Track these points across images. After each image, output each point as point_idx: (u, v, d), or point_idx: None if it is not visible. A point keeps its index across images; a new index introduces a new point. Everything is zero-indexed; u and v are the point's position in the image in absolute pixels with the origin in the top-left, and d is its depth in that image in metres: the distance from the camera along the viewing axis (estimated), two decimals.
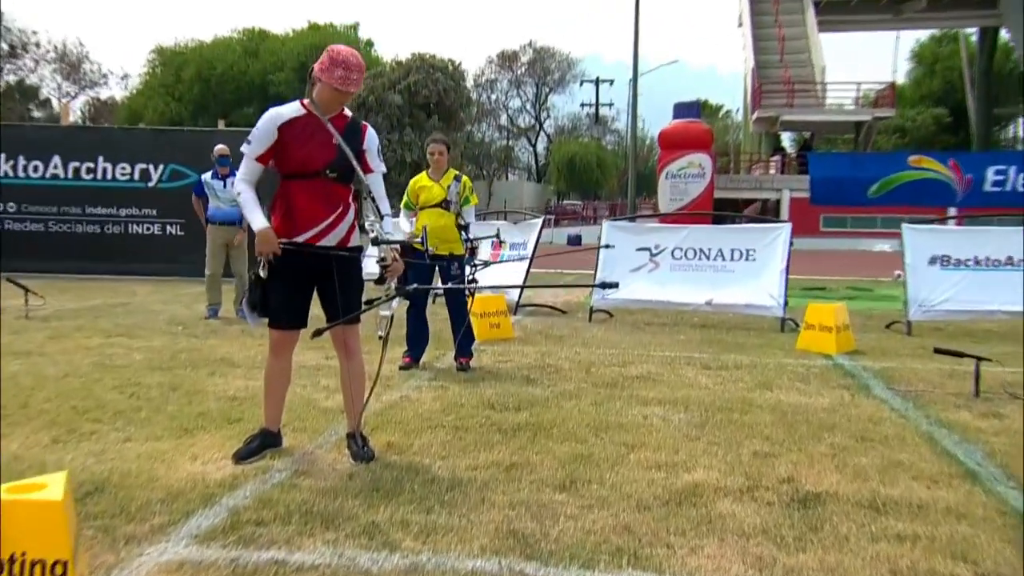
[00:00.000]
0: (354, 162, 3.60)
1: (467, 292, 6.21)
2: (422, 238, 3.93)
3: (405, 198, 6.08)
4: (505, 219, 13.57)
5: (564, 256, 16.08)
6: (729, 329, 8.52)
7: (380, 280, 3.62)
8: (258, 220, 3.52)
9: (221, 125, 14.54)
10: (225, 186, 8.74)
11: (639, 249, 9.44)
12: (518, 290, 9.90)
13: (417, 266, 5.44)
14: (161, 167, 13.70)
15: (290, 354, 3.88)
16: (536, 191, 55.78)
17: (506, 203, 47.97)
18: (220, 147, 8.80)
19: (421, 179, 6.08)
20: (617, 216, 10.55)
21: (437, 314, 7.86)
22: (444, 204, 5.93)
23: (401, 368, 5.97)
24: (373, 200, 3.62)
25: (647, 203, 46.57)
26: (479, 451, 3.92)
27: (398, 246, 3.63)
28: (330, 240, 3.64)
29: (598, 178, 50.31)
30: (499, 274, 9.13)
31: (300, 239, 3.60)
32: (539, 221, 10.52)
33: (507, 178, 63.49)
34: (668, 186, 31.41)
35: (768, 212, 35.05)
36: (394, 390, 5.22)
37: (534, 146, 60.54)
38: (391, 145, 34.94)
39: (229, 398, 4.87)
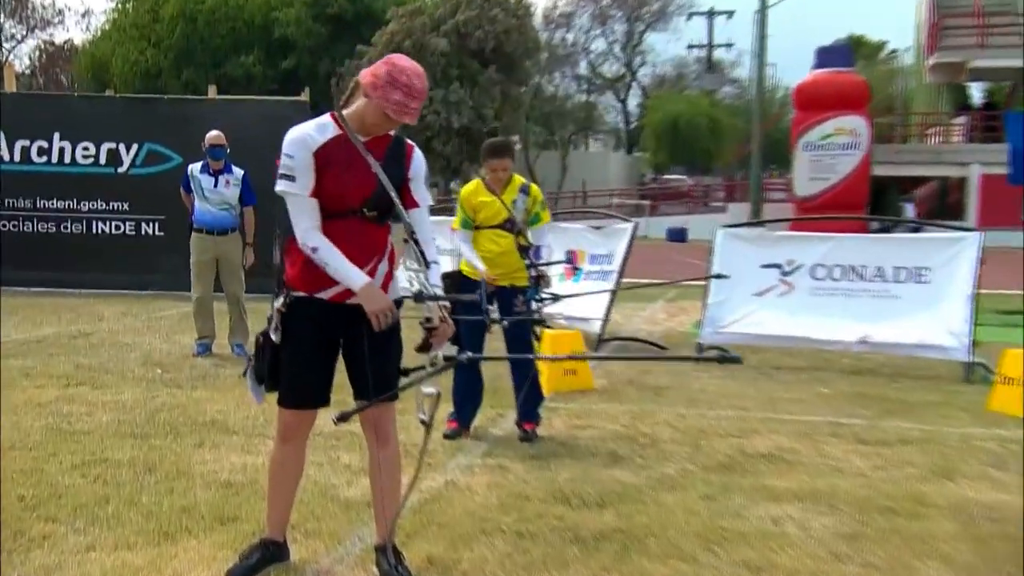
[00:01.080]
0: (394, 196, 3.66)
1: (534, 333, 6.28)
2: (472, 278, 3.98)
3: (461, 214, 6.18)
4: (566, 221, 13.63)
5: (661, 259, 16.03)
6: (892, 379, 8.39)
7: (424, 347, 3.66)
8: (355, 276, 3.61)
9: (212, 92, 14.82)
10: (217, 185, 8.98)
11: (765, 266, 9.38)
12: (600, 319, 9.93)
13: (471, 304, 5.55)
14: (135, 147, 14.15)
15: (304, 440, 3.95)
16: (626, 164, 55.83)
17: (585, 184, 47.98)
18: (213, 134, 9.03)
19: (478, 191, 6.18)
20: (733, 223, 10.45)
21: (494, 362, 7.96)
22: (507, 224, 6.08)
23: (446, 436, 6.05)
24: (416, 243, 3.66)
25: (777, 182, 46.08)
26: (549, 572, 3.93)
27: (448, 304, 3.66)
28: None
29: (710, 146, 49.87)
30: (576, 301, 9.18)
31: (324, 295, 3.69)
32: (629, 227, 10.53)
33: (587, 147, 63.61)
34: (807, 160, 31.03)
35: (950, 196, 34.18)
36: (437, 471, 5.27)
37: (624, 103, 60.51)
38: (432, 105, 35.39)
39: (222, 484, 4.98)
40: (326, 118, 3.71)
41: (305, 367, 3.75)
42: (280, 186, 3.60)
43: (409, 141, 3.78)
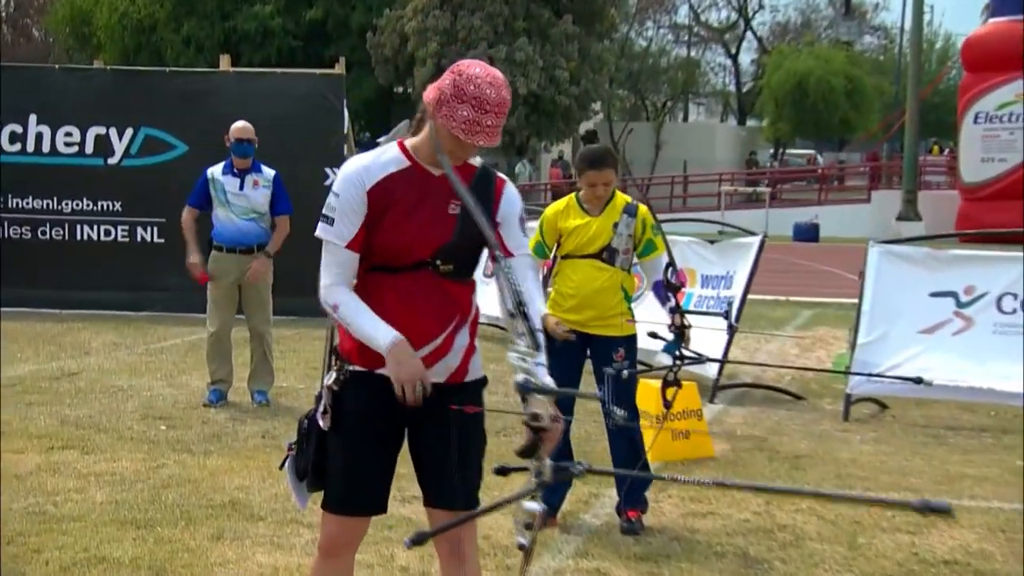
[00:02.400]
0: (487, 233, 3.54)
1: (665, 399, 6.19)
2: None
3: (536, 235, 6.19)
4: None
5: (785, 266, 15.90)
6: None
7: (528, 451, 3.51)
8: (383, 334, 3.62)
9: (225, 63, 14.88)
10: (243, 187, 9.06)
11: (936, 294, 9.22)
12: (715, 363, 9.76)
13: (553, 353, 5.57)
14: (129, 132, 14.33)
15: (353, 554, 3.93)
16: (736, 138, 55.52)
17: (686, 166, 47.81)
18: (238, 126, 9.12)
19: (568, 210, 6.17)
20: (888, 239, 10.30)
21: (585, 420, 7.83)
22: (606, 254, 6.09)
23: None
24: (522, 310, 3.48)
25: (937, 161, 45.34)
26: None
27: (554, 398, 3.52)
28: (436, 373, 3.71)
29: (847, 115, 49.35)
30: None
31: (387, 371, 3.67)
32: (753, 242, 10.41)
33: (685, 118, 63.43)
34: (978, 135, 30.52)
35: None
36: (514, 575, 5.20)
37: (735, 59, 60.04)
38: (493, 66, 35.42)
39: None
40: (392, 147, 3.75)
41: (358, 464, 3.75)
42: (318, 230, 3.67)
43: (500, 175, 3.83)
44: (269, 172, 9.15)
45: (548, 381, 3.47)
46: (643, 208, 6.21)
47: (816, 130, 50.80)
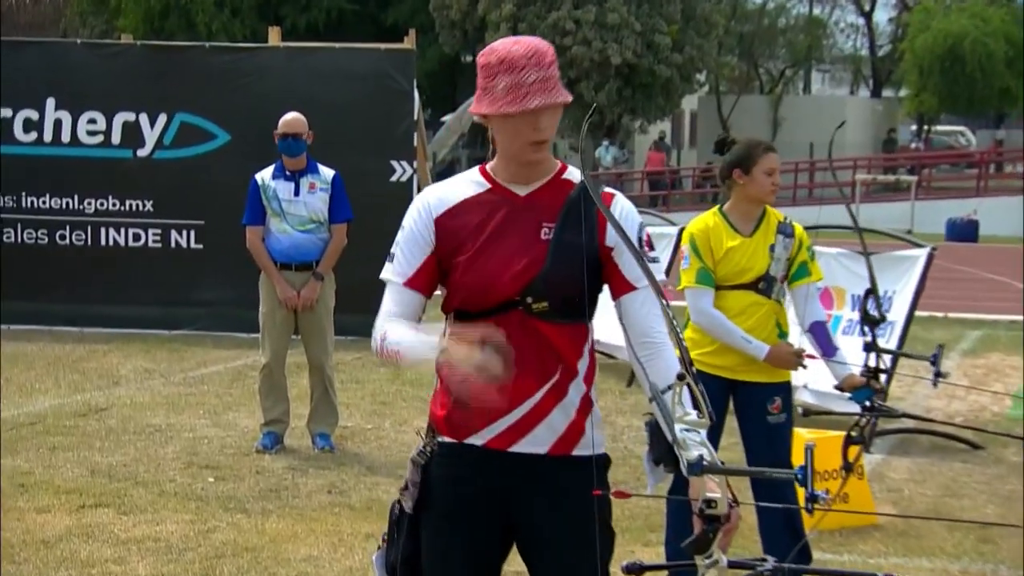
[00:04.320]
0: (632, 257, 3.49)
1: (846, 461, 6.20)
2: None
3: (694, 261, 6.12)
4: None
5: (939, 272, 15.67)
6: None
7: (701, 544, 3.40)
8: (427, 343, 3.60)
9: (274, 37, 14.89)
10: (298, 192, 9.04)
11: None
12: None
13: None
14: (162, 119, 14.35)
15: None
16: (872, 114, 54.94)
17: (813, 149, 47.31)
18: (289, 118, 9.08)
19: (718, 228, 6.11)
20: None
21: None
22: (763, 284, 6.09)
23: None
24: (691, 370, 3.33)
25: None
26: None
27: (724, 481, 3.44)
28: (535, 441, 3.68)
29: (1009, 84, 48.55)
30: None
31: (478, 440, 3.70)
32: (920, 255, 10.22)
33: (808, 89, 62.90)
34: None
35: None
36: None
37: (869, 18, 59.38)
38: (580, 32, 35.38)
39: None
40: (471, 171, 3.82)
41: (449, 557, 3.73)
42: (384, 271, 3.77)
43: (609, 189, 3.80)
44: (327, 172, 9.14)
45: (709, 458, 3.34)
46: (799, 228, 6.22)
47: (969, 104, 49.93)
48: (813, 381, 9.82)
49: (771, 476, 3.76)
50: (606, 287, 3.74)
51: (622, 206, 3.71)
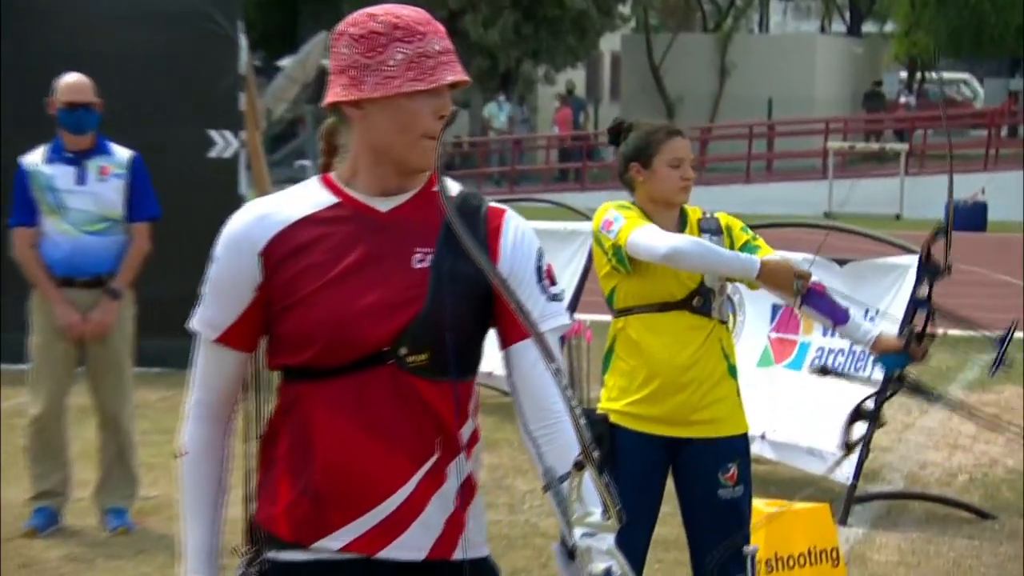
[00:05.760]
0: (519, 305, 3.41)
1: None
2: None
3: (633, 212, 6.20)
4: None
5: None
6: None
7: None
8: (190, 548, 3.81)
9: None
10: (84, 180, 8.95)
11: None
12: (849, 461, 9.68)
13: (625, 458, 5.93)
14: None
15: None
16: (850, 59, 55.49)
17: (771, 107, 47.97)
18: (71, 82, 8.97)
19: (636, 219, 6.14)
20: None
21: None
22: (698, 299, 6.19)
23: None
24: (591, 451, 3.33)
25: None
26: None
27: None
28: (410, 545, 3.69)
29: None
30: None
31: (335, 543, 3.67)
32: (911, 263, 10.28)
33: (765, 26, 63.43)
34: None
35: None
36: None
37: None
38: None
39: None
40: (312, 181, 3.79)
41: None
42: (193, 319, 3.76)
43: (496, 205, 3.82)
44: (123, 153, 9.11)
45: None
46: (724, 217, 6.35)
47: (976, 46, 50.64)
48: (773, 430, 10.14)
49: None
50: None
51: (515, 229, 3.73)
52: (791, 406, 10.25)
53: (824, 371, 5.85)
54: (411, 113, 3.58)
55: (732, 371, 6.27)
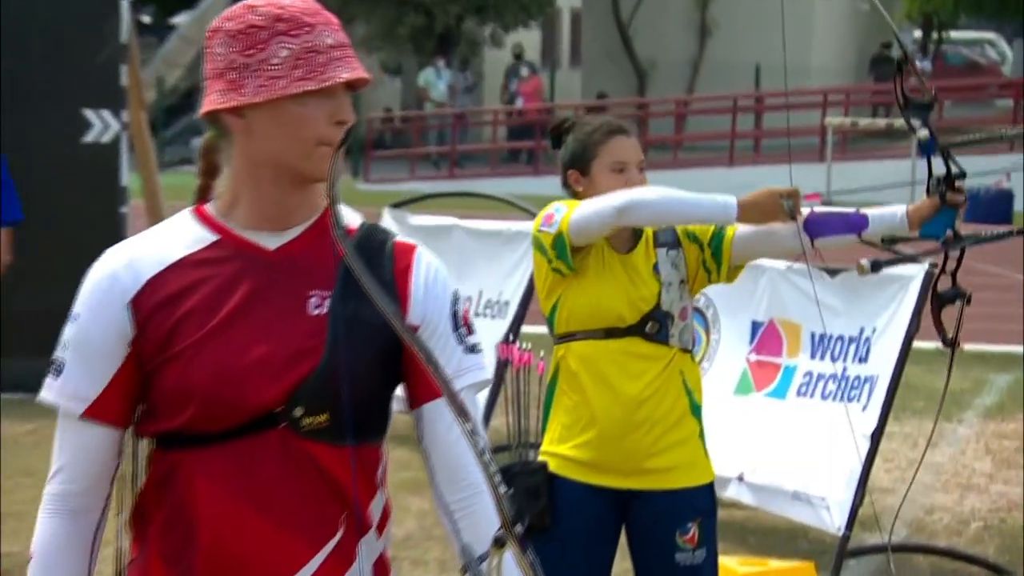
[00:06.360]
0: (427, 354, 3.44)
1: None
2: None
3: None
4: None
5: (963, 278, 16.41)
6: None
7: None
8: None
9: None
10: None
11: None
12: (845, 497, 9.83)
13: (568, 515, 6.21)
14: None
15: None
16: (853, 18, 56.19)
17: (759, 74, 48.17)
18: None
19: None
20: None
21: None
22: (652, 325, 6.26)
23: None
24: (511, 521, 3.30)
25: None
26: None
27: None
28: None
29: None
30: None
31: None
32: (916, 275, 10.14)
33: None
34: None
35: None
36: None
37: None
38: None
39: None
40: (184, 215, 3.84)
41: None
42: (43, 387, 3.76)
43: (403, 240, 3.91)
44: None
45: None
46: (682, 229, 6.39)
47: (1002, 2, 50.98)
48: (752, 470, 10.17)
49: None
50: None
51: (427, 269, 3.80)
52: (774, 442, 10.32)
53: (876, 267, 5.79)
54: (300, 118, 3.64)
55: (695, 410, 6.34)
